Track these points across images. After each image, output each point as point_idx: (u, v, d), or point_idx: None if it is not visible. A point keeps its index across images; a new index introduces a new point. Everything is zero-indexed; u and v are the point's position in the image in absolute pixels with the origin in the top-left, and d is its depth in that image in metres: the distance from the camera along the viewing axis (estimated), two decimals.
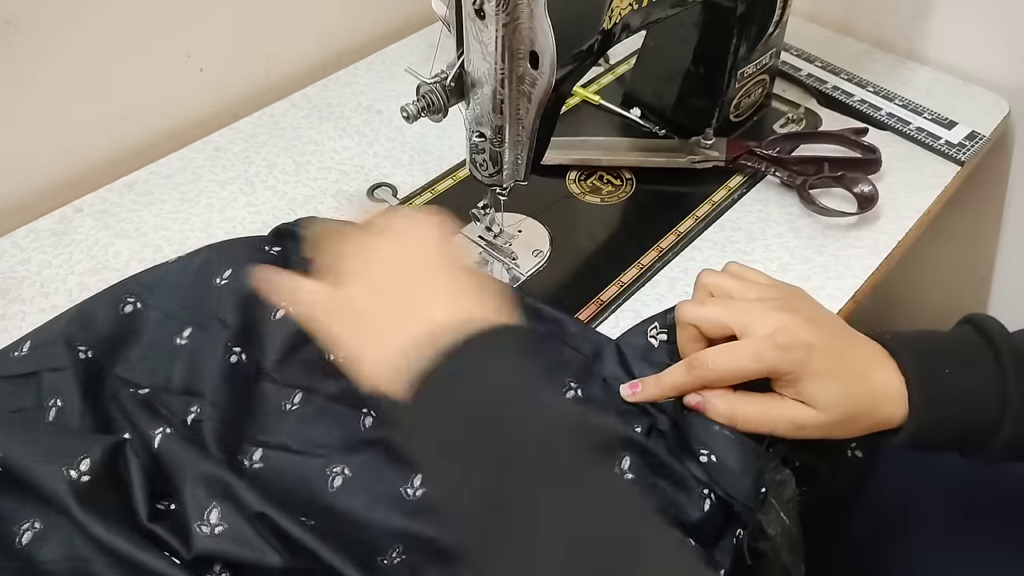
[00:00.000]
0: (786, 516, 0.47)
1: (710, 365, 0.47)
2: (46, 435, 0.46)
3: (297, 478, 0.48)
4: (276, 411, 0.51)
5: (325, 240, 0.48)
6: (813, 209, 0.67)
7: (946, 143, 0.74)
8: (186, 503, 0.44)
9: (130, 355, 0.54)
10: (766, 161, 0.70)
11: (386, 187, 0.70)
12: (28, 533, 0.44)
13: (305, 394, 0.52)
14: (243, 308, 0.55)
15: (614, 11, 0.53)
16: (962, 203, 0.86)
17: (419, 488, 0.45)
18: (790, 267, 0.64)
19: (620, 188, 0.71)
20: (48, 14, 0.64)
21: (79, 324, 0.54)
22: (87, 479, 0.44)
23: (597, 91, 0.80)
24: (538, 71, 0.48)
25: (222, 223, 0.67)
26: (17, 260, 0.63)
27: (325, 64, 0.85)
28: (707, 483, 0.46)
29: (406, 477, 0.46)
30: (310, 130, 0.76)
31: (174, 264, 0.58)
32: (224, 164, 0.72)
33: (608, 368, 0.53)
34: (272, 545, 0.42)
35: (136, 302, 0.56)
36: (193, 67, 0.75)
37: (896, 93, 0.79)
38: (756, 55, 0.71)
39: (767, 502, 0.46)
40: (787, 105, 0.79)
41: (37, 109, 0.67)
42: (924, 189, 0.70)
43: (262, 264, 0.58)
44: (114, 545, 0.42)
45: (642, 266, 0.64)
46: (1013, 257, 0.89)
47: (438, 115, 0.53)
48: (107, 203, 0.68)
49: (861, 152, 0.71)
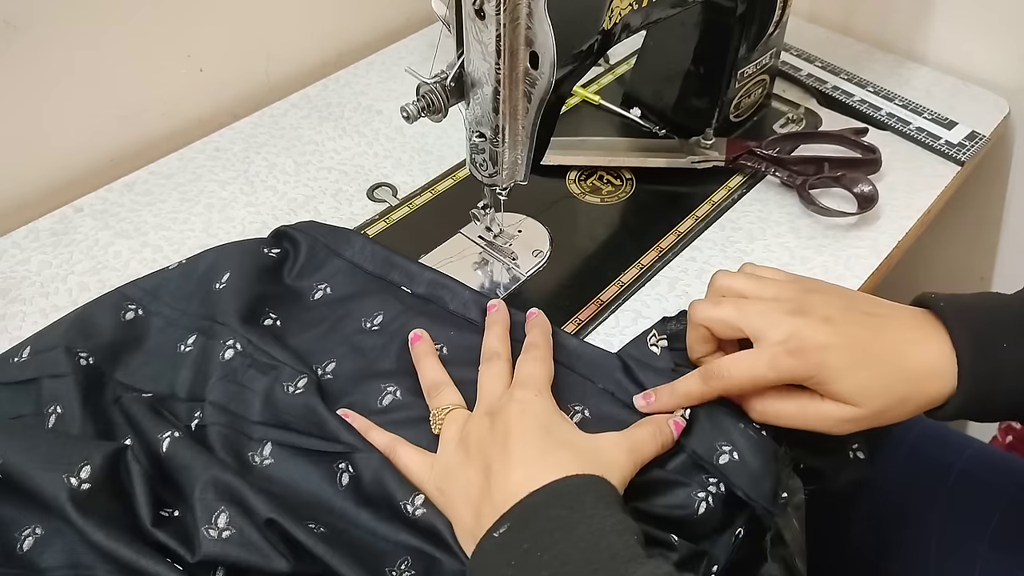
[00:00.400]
0: (797, 522, 0.47)
1: (726, 375, 0.46)
2: (46, 442, 0.46)
3: (306, 477, 0.48)
4: (280, 394, 0.51)
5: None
6: (813, 209, 0.67)
7: (946, 143, 0.74)
8: (195, 507, 0.44)
9: (131, 361, 0.54)
10: (766, 161, 0.70)
11: (386, 187, 0.70)
12: (29, 539, 0.44)
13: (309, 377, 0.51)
14: (241, 311, 0.55)
15: (614, 11, 0.53)
16: (962, 203, 0.86)
17: (419, 508, 0.45)
18: (790, 267, 0.64)
19: (620, 188, 0.71)
20: (48, 14, 0.64)
21: (79, 330, 0.53)
22: (87, 486, 0.44)
23: (597, 91, 0.80)
24: (538, 71, 0.48)
25: (222, 223, 0.67)
26: (17, 260, 0.63)
27: (325, 64, 0.85)
28: (718, 479, 0.46)
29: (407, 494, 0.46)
30: (310, 130, 0.76)
31: (175, 270, 0.58)
32: (224, 164, 0.72)
33: (614, 381, 0.52)
34: (279, 551, 0.42)
35: (137, 309, 0.56)
36: (193, 67, 0.75)
37: (896, 93, 0.79)
38: (756, 55, 0.71)
39: (787, 508, 0.46)
40: (787, 105, 0.79)
41: (37, 109, 0.67)
42: (924, 189, 0.70)
43: (261, 267, 0.58)
44: (115, 552, 0.42)
45: (642, 266, 0.63)
46: (1013, 257, 0.89)
47: (438, 115, 0.53)
48: (107, 203, 0.68)
49: (861, 152, 0.71)
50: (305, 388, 0.50)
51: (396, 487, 0.46)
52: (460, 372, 0.52)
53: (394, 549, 0.45)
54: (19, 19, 0.62)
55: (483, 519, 0.42)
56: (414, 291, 0.58)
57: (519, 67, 0.49)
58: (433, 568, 0.44)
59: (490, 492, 0.43)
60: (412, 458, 0.47)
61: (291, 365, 0.52)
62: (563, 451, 0.44)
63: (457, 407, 0.49)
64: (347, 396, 0.52)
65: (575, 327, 0.59)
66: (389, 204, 0.69)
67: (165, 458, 0.47)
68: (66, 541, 0.44)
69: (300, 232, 0.61)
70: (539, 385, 0.48)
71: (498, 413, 0.46)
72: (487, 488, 0.43)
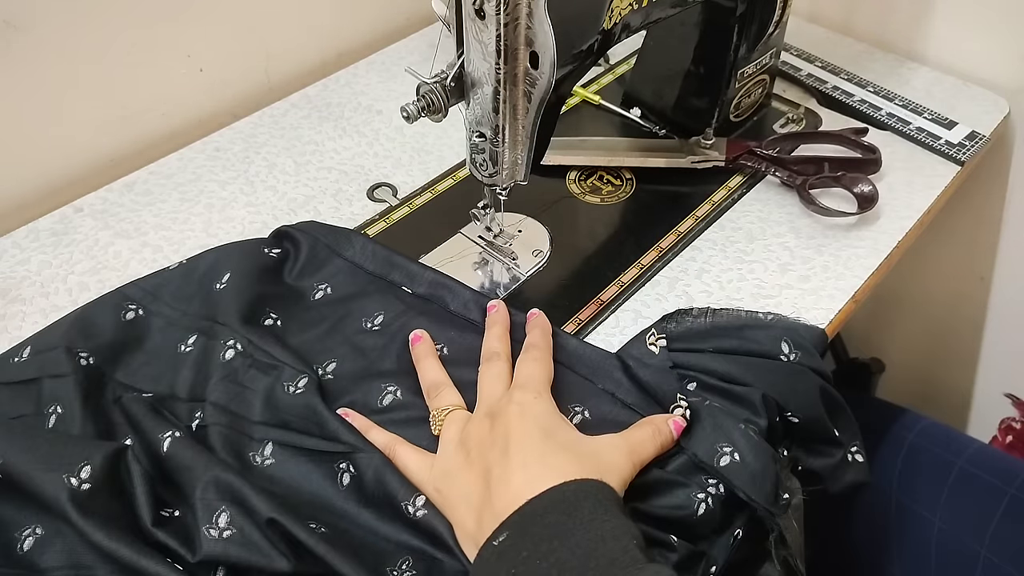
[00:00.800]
0: (796, 522, 0.47)
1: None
2: (46, 442, 0.46)
3: (307, 477, 0.48)
4: (281, 394, 0.51)
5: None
6: (813, 209, 0.67)
7: (946, 143, 0.74)
8: (195, 506, 0.44)
9: (132, 361, 0.54)
10: (766, 161, 0.70)
11: (386, 187, 0.70)
12: (29, 539, 0.44)
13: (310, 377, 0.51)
14: (241, 311, 0.55)
15: (614, 11, 0.53)
16: (962, 203, 0.86)
17: (420, 509, 0.45)
18: (790, 267, 0.64)
19: (620, 188, 0.71)
20: (48, 14, 0.64)
21: (80, 330, 0.53)
22: (88, 486, 0.44)
23: (597, 91, 0.80)
24: (538, 71, 0.48)
25: (222, 223, 0.67)
26: (17, 260, 0.63)
27: (325, 64, 0.85)
28: (718, 480, 0.46)
29: (408, 494, 0.46)
30: (310, 130, 0.76)
31: (176, 270, 0.58)
32: (224, 164, 0.72)
33: (614, 381, 0.52)
34: (280, 550, 0.42)
35: (138, 309, 0.56)
36: (193, 67, 0.75)
37: (896, 93, 0.79)
38: (756, 55, 0.71)
39: (787, 509, 0.46)
40: (787, 105, 0.79)
41: (37, 109, 0.67)
42: (924, 189, 0.70)
43: (262, 267, 0.58)
44: (116, 552, 0.42)
45: (642, 266, 0.64)
46: (1013, 257, 0.89)
47: (438, 115, 0.53)
48: (107, 203, 0.68)
49: (861, 152, 0.71)
50: (306, 388, 0.50)
51: (397, 487, 0.46)
52: (461, 373, 0.52)
53: (395, 549, 0.45)
54: (20, 19, 0.62)
55: (484, 525, 0.42)
56: (415, 291, 0.58)
57: (519, 67, 0.49)
58: (434, 568, 0.44)
59: (491, 498, 0.43)
60: (411, 458, 0.48)
61: (292, 365, 0.52)
62: (563, 454, 0.44)
63: (457, 408, 0.49)
64: (348, 395, 0.52)
65: (575, 327, 0.59)
66: (389, 204, 0.69)
67: (166, 458, 0.47)
68: (66, 541, 0.43)
69: (301, 232, 0.61)
70: (538, 386, 0.48)
71: (498, 415, 0.46)
72: (488, 494, 0.43)
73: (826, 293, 0.62)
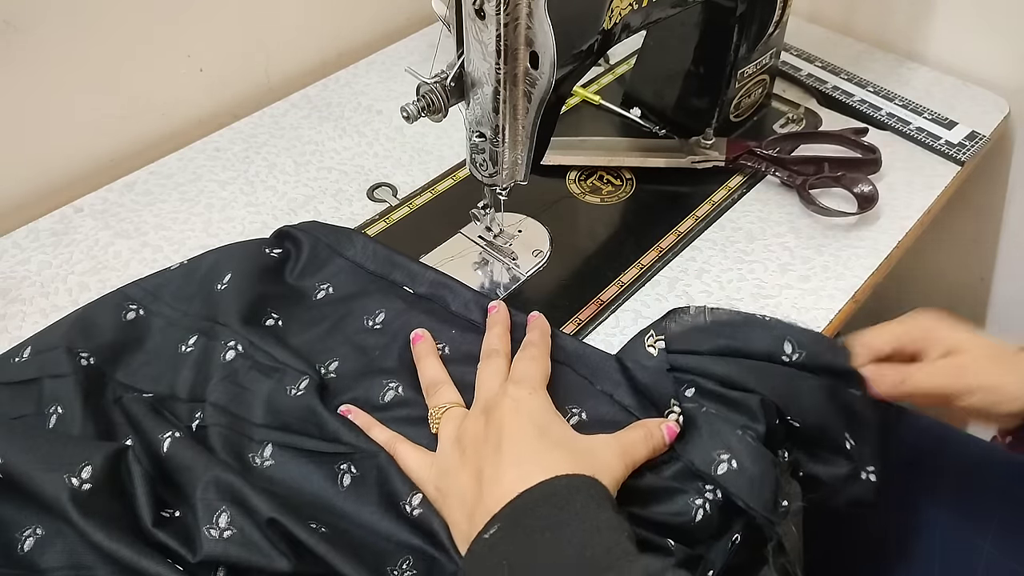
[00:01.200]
0: (795, 528, 0.46)
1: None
2: (47, 442, 0.46)
3: (307, 477, 0.48)
4: (281, 396, 0.51)
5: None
6: (813, 209, 0.67)
7: (946, 143, 0.74)
8: (196, 506, 0.44)
9: (132, 361, 0.54)
10: (766, 161, 0.70)
11: (386, 187, 0.70)
12: (30, 540, 0.44)
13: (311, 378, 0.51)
14: (242, 311, 0.55)
15: (614, 11, 0.53)
16: (962, 203, 0.86)
17: (416, 508, 0.45)
18: (790, 267, 0.64)
19: (620, 188, 0.71)
20: (48, 14, 0.64)
21: (80, 330, 0.53)
22: (88, 486, 0.44)
23: (597, 91, 0.80)
24: (538, 71, 0.48)
25: (222, 223, 0.67)
26: (17, 260, 0.63)
27: (325, 64, 0.85)
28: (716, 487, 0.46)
29: (406, 492, 0.46)
30: (310, 130, 0.76)
31: (177, 271, 0.58)
32: (224, 164, 0.72)
33: (613, 382, 0.52)
34: (280, 550, 0.42)
35: (139, 309, 0.56)
36: (193, 67, 0.75)
37: (896, 93, 0.79)
38: (756, 55, 0.71)
39: (786, 516, 0.46)
40: (787, 105, 0.79)
41: (37, 109, 0.67)
42: (924, 189, 0.70)
43: (263, 267, 0.58)
44: (116, 552, 0.42)
45: (642, 266, 0.64)
46: (1013, 257, 0.89)
47: (438, 115, 0.53)
48: (107, 203, 0.68)
49: (861, 152, 0.71)
50: (306, 390, 0.50)
51: (397, 487, 0.46)
52: (461, 372, 0.52)
53: (395, 549, 0.45)
54: (19, 19, 0.62)
55: (476, 523, 0.42)
56: (416, 291, 0.58)
57: (519, 67, 0.49)
58: (434, 568, 0.44)
59: (482, 497, 0.43)
60: (412, 456, 0.48)
61: (293, 366, 0.52)
62: (556, 451, 0.44)
63: (454, 405, 0.49)
64: (350, 392, 0.52)
65: (575, 327, 0.59)
66: (389, 204, 0.69)
67: (166, 458, 0.47)
68: (67, 541, 0.44)
69: (302, 232, 0.61)
70: (533, 383, 0.48)
71: (492, 410, 0.46)
72: (480, 493, 0.43)
73: (826, 293, 0.62)
